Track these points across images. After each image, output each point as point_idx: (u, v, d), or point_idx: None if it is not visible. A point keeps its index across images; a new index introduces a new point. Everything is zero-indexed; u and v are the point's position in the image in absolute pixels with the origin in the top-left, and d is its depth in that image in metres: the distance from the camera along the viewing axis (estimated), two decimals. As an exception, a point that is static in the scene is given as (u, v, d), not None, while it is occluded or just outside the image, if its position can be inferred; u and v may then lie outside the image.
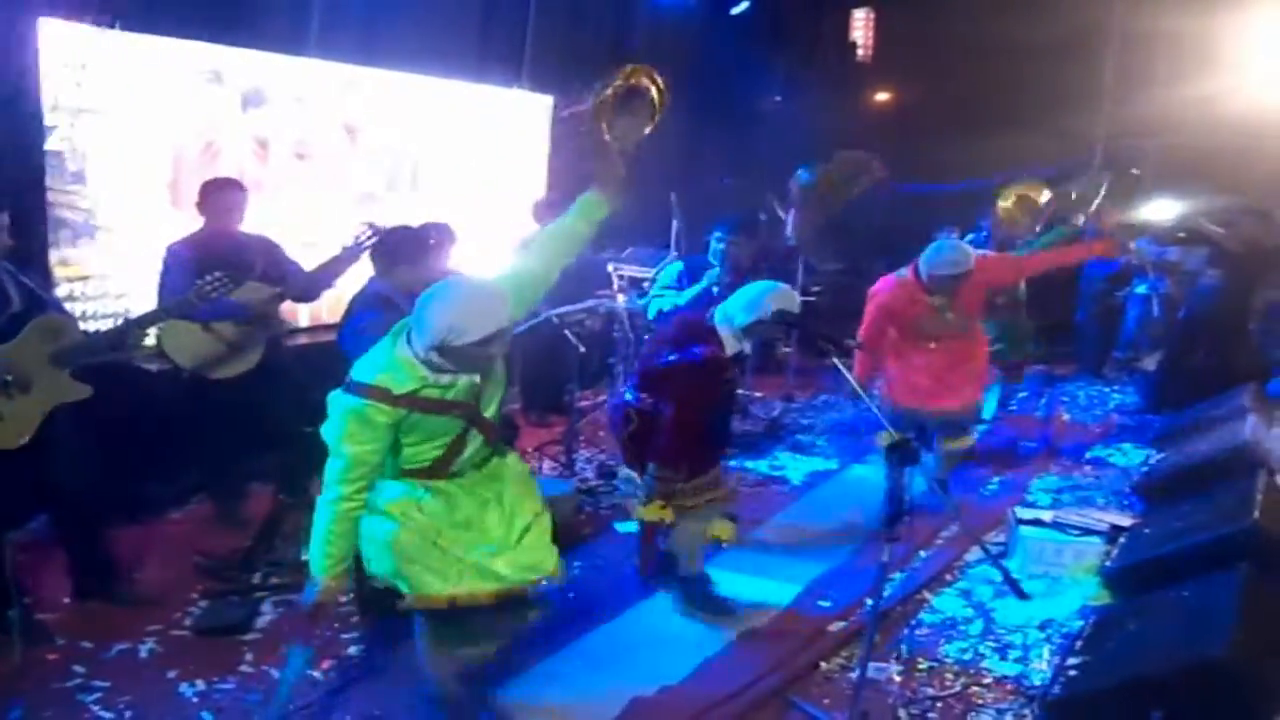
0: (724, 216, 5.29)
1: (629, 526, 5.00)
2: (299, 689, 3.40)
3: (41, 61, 4.80)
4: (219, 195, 4.80)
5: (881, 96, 12.22)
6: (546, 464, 6.27)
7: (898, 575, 4.79)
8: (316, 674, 3.69)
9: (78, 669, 3.67)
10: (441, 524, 3.03)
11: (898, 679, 3.95)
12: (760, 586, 4.66)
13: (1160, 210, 9.29)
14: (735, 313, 4.12)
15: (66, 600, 4.13)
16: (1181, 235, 8.63)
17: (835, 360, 3.58)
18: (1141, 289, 9.10)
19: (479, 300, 2.83)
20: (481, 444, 3.10)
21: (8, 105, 4.74)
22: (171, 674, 3.67)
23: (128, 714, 3.42)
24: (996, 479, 6.40)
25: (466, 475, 3.10)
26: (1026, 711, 3.71)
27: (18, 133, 4.81)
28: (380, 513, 3.02)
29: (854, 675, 3.79)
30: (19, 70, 4.76)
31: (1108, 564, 4.70)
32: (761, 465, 6.54)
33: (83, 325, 4.37)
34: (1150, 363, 8.58)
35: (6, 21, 4.69)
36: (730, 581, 4.64)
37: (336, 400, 2.87)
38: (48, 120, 4.91)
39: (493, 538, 3.09)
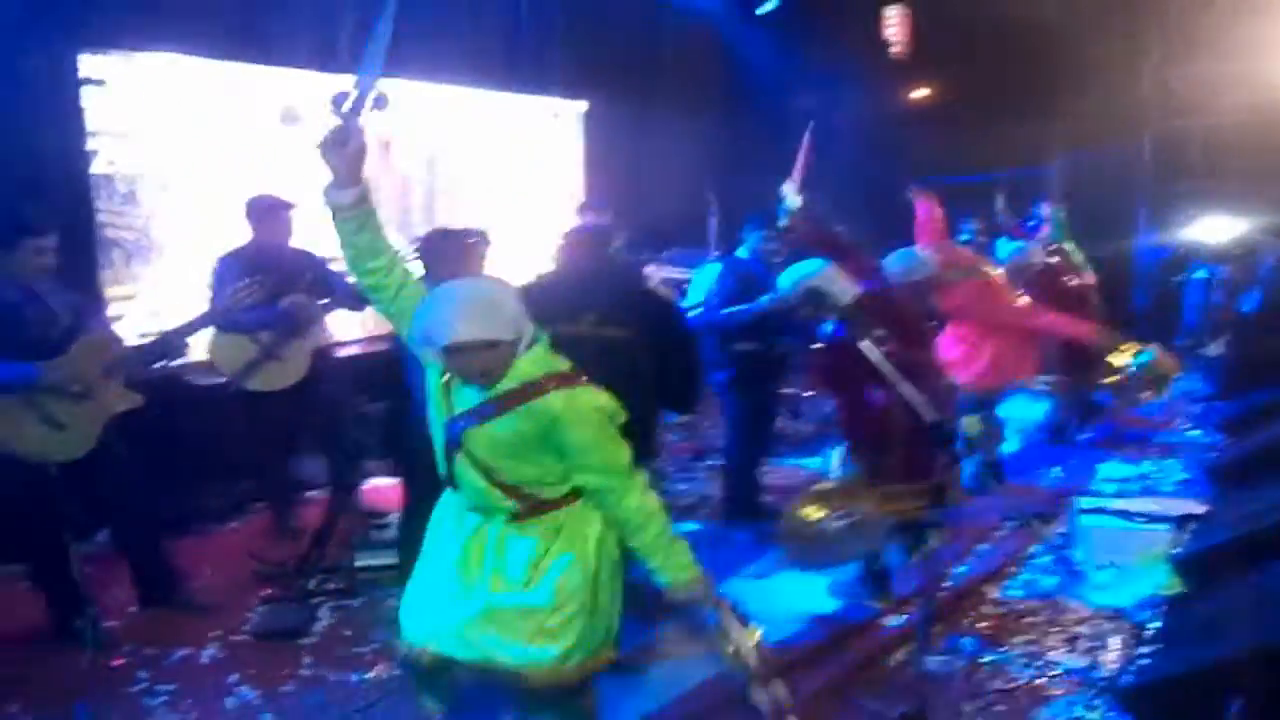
0: (760, 213, 5.19)
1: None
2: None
3: (82, 90, 4.91)
4: (266, 212, 4.84)
5: (918, 93, 12.09)
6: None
7: (959, 568, 4.70)
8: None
9: (142, 674, 3.71)
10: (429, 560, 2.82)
11: (961, 672, 3.87)
12: (814, 580, 4.61)
13: (1212, 230, 9.11)
14: (779, 288, 4.16)
15: (131, 609, 4.19)
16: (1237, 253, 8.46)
17: (865, 344, 3.49)
18: (1201, 274, 8.92)
19: (446, 304, 2.48)
20: (483, 487, 2.65)
21: (52, 134, 4.84)
22: (233, 678, 3.70)
23: (191, 717, 3.45)
24: (1058, 468, 6.27)
25: (494, 519, 2.70)
26: (1098, 703, 3.61)
27: (63, 159, 4.92)
28: None
29: (912, 670, 3.75)
30: (61, 100, 4.87)
31: (1177, 551, 4.58)
32: (814, 463, 6.46)
33: (138, 344, 4.42)
34: (1214, 349, 8.39)
35: (47, 54, 4.80)
36: (784, 576, 4.59)
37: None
38: (92, 145, 5.01)
39: (473, 593, 2.70)
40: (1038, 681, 3.80)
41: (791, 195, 4.78)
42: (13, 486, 3.64)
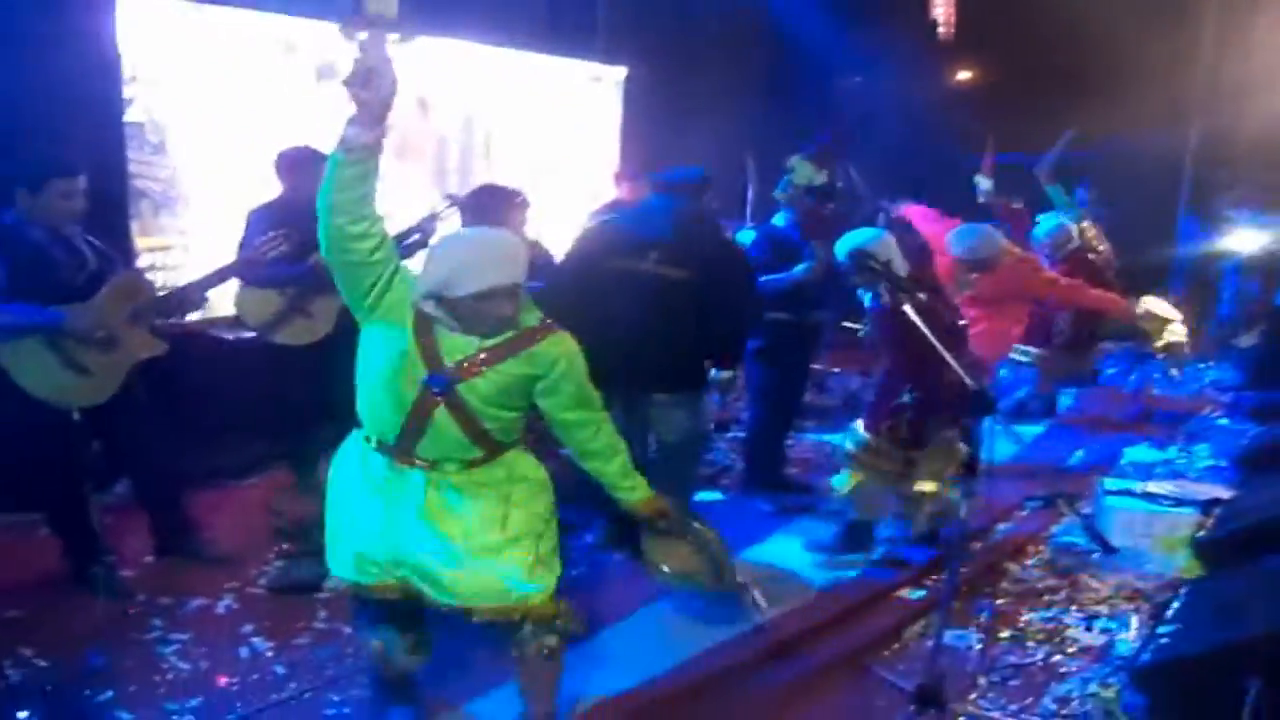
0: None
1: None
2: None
3: (120, 35, 4.87)
4: (297, 164, 4.81)
5: (964, 75, 11.95)
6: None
7: (981, 544, 4.66)
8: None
9: (156, 623, 3.72)
10: (393, 511, 2.76)
11: (978, 646, 3.84)
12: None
13: (1244, 240, 8.94)
14: (834, 254, 4.26)
15: (148, 558, 4.20)
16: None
17: (907, 307, 3.45)
18: (1235, 265, 8.78)
19: (479, 250, 2.59)
20: (459, 438, 2.69)
21: (89, 78, 4.79)
22: (247, 628, 3.71)
23: (204, 665, 3.45)
24: (1082, 450, 6.20)
25: (443, 469, 2.73)
26: (1113, 680, 3.57)
27: (98, 105, 4.86)
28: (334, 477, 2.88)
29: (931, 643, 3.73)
30: (99, 44, 4.82)
31: (1201, 535, 4.51)
32: (838, 438, 6.41)
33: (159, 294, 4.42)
34: (1247, 339, 8.27)
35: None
36: (804, 548, 4.57)
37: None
38: (127, 93, 4.98)
39: (451, 549, 2.73)
40: (1054, 658, 3.77)
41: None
42: (34, 430, 3.63)
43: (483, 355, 2.63)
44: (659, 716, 3.34)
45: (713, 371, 4.33)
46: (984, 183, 6.05)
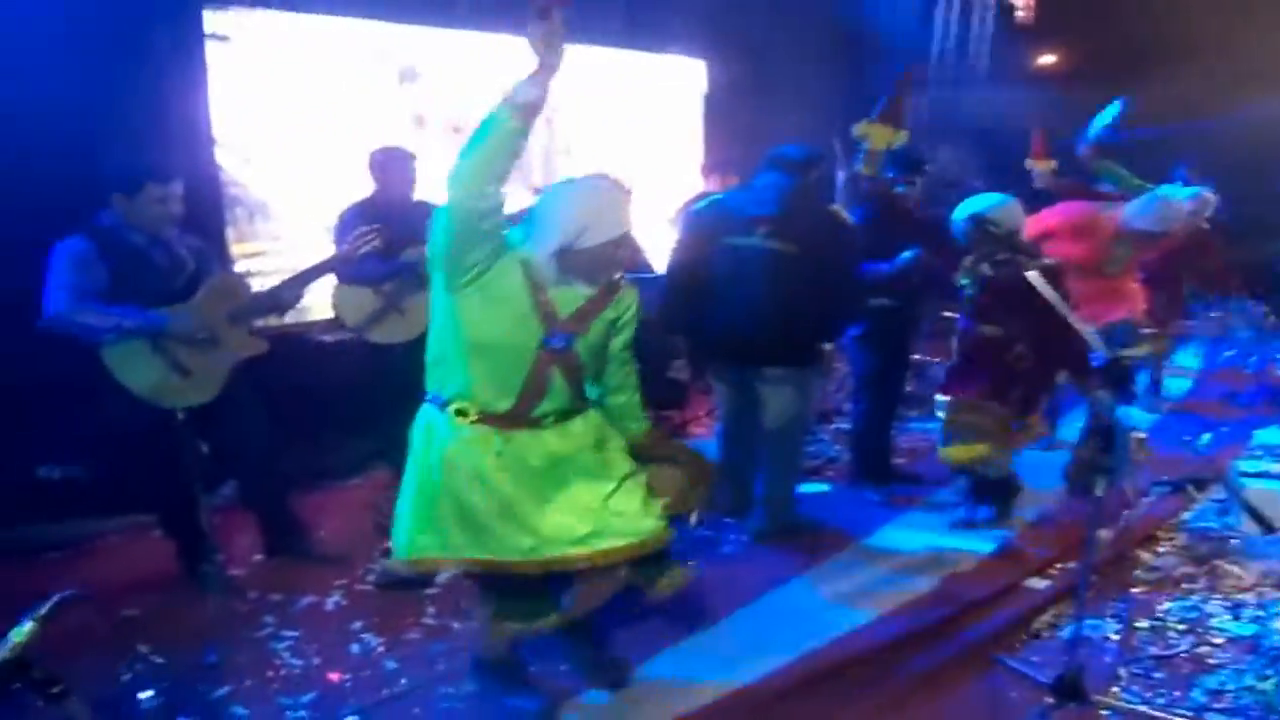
0: (892, 154, 4.93)
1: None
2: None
3: (206, 45, 4.95)
4: (388, 162, 4.81)
5: (1046, 59, 11.67)
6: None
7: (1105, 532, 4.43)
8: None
9: (268, 620, 3.71)
10: (513, 482, 2.73)
11: (1116, 637, 3.62)
12: (957, 539, 4.47)
13: None
14: (953, 220, 4.14)
15: (257, 557, 4.21)
16: None
17: (1033, 274, 3.27)
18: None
19: (609, 195, 2.64)
20: (565, 394, 2.75)
21: (176, 88, 4.87)
22: (356, 624, 3.67)
23: (316, 661, 3.42)
24: (1210, 434, 5.90)
25: (547, 426, 2.76)
26: (1270, 672, 3.33)
27: (187, 114, 4.92)
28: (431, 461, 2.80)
29: (1064, 634, 3.57)
30: (186, 55, 4.90)
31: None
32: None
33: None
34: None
35: (173, 9, 4.83)
36: (917, 539, 4.43)
37: None
38: (217, 99, 5.03)
39: (578, 502, 2.76)
40: (1200, 649, 3.53)
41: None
42: (142, 432, 3.65)
43: (590, 307, 2.70)
44: (781, 709, 3.20)
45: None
46: (1038, 166, 5.72)
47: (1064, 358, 4.00)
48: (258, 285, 5.05)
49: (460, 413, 2.71)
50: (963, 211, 4.10)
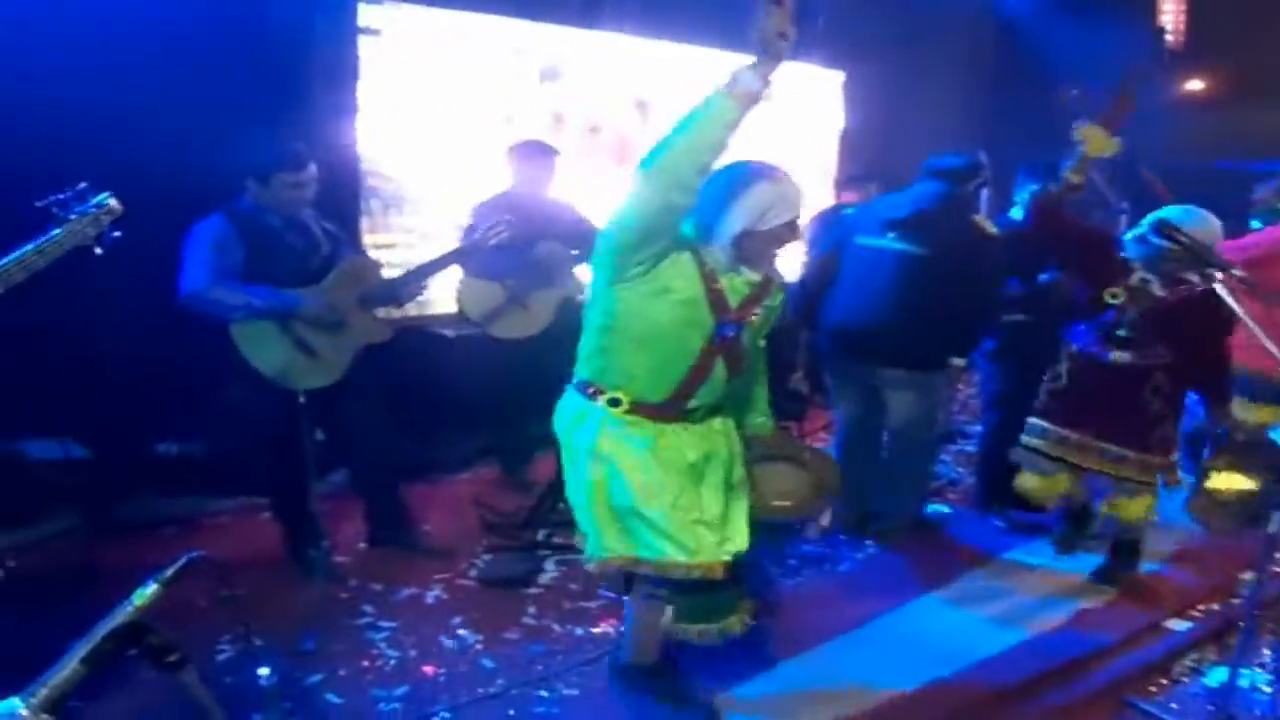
0: (1035, 163, 4.66)
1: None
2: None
3: (358, 38, 4.99)
4: (529, 156, 4.78)
5: (1194, 84, 11.21)
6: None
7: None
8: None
9: (367, 608, 3.67)
10: (673, 477, 2.60)
11: (1267, 689, 3.30)
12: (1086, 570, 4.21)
13: None
14: (1130, 246, 3.83)
15: (361, 546, 4.19)
16: None
17: (1218, 284, 3.00)
18: None
19: (784, 175, 2.58)
20: (722, 385, 2.67)
21: (329, 79, 4.93)
22: (456, 620, 3.61)
23: (412, 653, 3.36)
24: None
25: (698, 419, 2.68)
26: None
27: (336, 103, 4.97)
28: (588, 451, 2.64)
29: (1206, 680, 3.37)
30: (339, 47, 4.95)
31: None
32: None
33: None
34: None
35: (330, 2, 4.90)
36: (1053, 565, 4.23)
37: None
38: (360, 92, 5.06)
39: (713, 503, 2.67)
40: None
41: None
42: (264, 411, 3.66)
43: (756, 295, 2.63)
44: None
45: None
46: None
47: (1204, 385, 3.81)
48: (387, 274, 5.11)
49: (613, 402, 2.61)
50: (1149, 222, 3.76)
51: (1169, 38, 11.28)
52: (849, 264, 4.25)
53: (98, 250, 2.34)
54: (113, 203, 2.36)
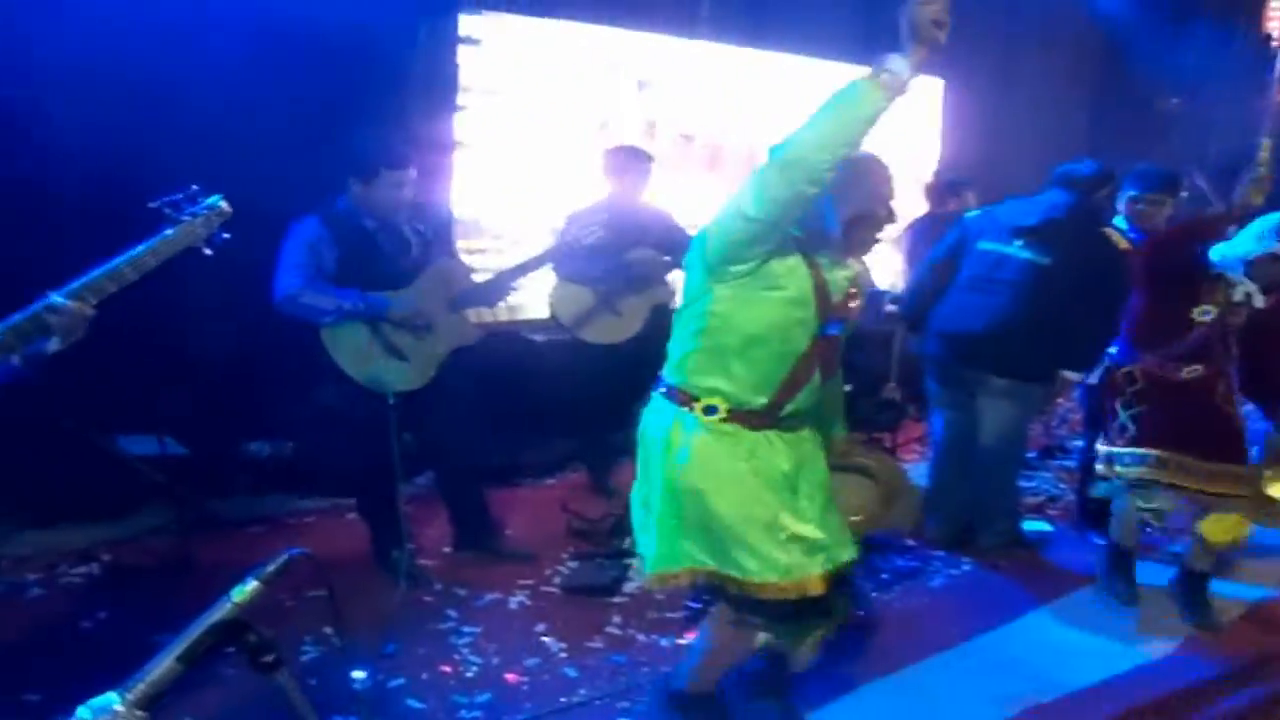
0: (1139, 171, 4.48)
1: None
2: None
3: (459, 47, 5.04)
4: (624, 162, 4.76)
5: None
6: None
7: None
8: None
9: (451, 613, 3.65)
10: (769, 490, 2.47)
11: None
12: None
13: None
14: (1240, 245, 3.59)
15: (445, 550, 4.18)
16: None
17: None
18: None
19: (881, 161, 2.53)
20: (816, 388, 2.53)
21: (429, 85, 4.98)
22: (539, 627, 3.57)
23: (495, 660, 3.33)
24: None
25: (790, 426, 2.54)
26: None
27: (435, 109, 5.02)
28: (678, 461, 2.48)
29: None
30: (441, 55, 5.00)
31: None
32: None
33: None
34: None
35: (432, 11, 4.95)
36: (1159, 588, 4.04)
37: None
38: (459, 100, 5.11)
39: (810, 513, 2.52)
40: None
41: None
42: (354, 414, 3.67)
43: (854, 289, 2.55)
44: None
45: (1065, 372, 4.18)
46: None
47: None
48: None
49: (708, 410, 2.48)
50: (1258, 228, 3.58)
51: (1275, 42, 10.91)
52: (968, 268, 4.18)
53: (207, 251, 2.35)
54: (224, 205, 2.36)
